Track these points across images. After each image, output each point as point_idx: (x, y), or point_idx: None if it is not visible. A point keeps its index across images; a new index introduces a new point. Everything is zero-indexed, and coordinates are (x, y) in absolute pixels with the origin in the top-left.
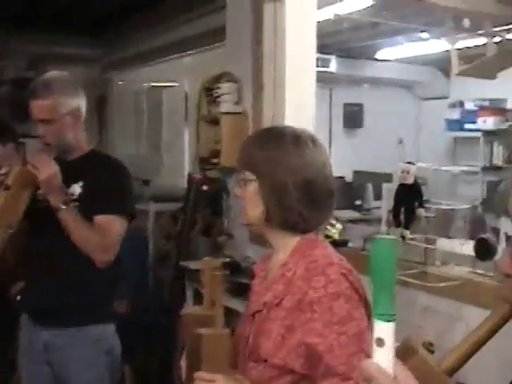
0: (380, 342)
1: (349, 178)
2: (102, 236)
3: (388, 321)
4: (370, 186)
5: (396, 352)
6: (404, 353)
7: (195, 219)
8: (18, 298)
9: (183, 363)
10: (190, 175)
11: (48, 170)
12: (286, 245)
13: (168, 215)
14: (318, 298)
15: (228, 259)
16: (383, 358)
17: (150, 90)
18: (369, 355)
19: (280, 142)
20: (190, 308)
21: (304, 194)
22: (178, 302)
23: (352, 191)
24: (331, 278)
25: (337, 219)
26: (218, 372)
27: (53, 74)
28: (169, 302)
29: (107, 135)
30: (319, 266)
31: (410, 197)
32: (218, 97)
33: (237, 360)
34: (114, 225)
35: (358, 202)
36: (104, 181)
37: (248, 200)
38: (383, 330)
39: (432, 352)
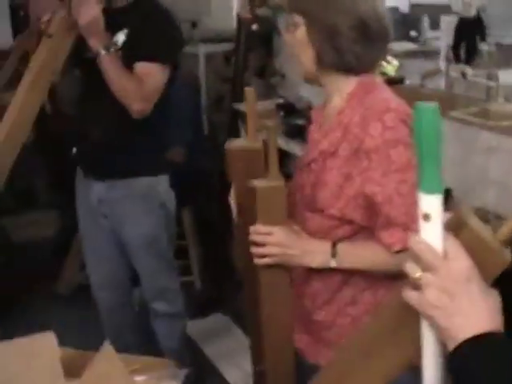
0: (427, 217)
1: (403, 8)
2: (139, 84)
3: (435, 193)
4: (426, 17)
5: (446, 226)
6: (455, 226)
7: (248, 60)
8: (74, 150)
9: (232, 200)
10: (239, 15)
11: (89, 13)
12: (341, 89)
13: (220, 56)
14: (375, 145)
15: (282, 100)
16: (431, 233)
17: None
18: None
19: None
20: (233, 142)
21: (356, 33)
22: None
23: (407, 22)
24: (388, 124)
25: (394, 56)
26: (274, 225)
27: None
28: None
29: None
30: (376, 113)
31: (471, 31)
32: None
33: (293, 210)
34: (153, 73)
35: (413, 33)
36: (147, 28)
37: (298, 45)
38: (430, 203)
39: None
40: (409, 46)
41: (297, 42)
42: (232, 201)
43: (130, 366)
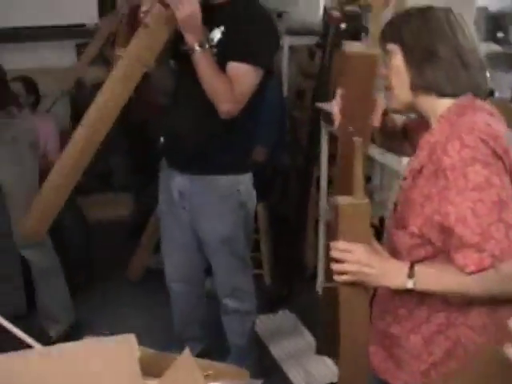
0: None
1: (492, 7)
2: (230, 85)
3: None
4: None
5: None
6: None
7: (333, 57)
8: (161, 139)
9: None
10: (327, 12)
11: (187, 8)
12: (435, 111)
13: (304, 50)
14: (451, 163)
15: None
16: None
17: None
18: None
19: (427, 12)
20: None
21: (453, 58)
22: (314, 144)
23: (493, 21)
24: (466, 142)
25: None
26: (355, 242)
27: None
28: (305, 143)
29: None
30: (458, 132)
31: None
32: None
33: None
34: (246, 75)
35: (499, 35)
36: (244, 28)
37: (393, 73)
38: None
39: None
40: (494, 47)
41: (393, 70)
42: (335, 107)
43: (205, 370)
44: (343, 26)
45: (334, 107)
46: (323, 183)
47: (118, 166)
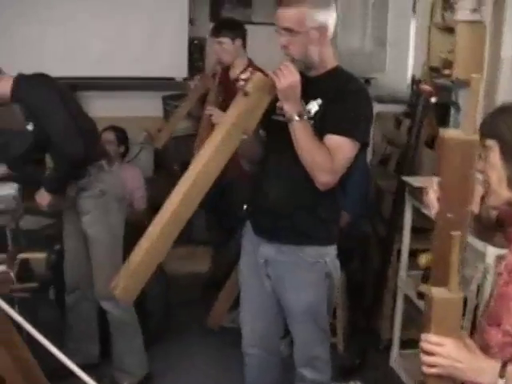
0: None
1: None
2: (329, 156)
3: None
4: None
5: None
6: None
7: (421, 130)
8: (245, 207)
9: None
10: (416, 82)
11: (288, 78)
12: None
13: (391, 117)
14: None
15: None
16: None
17: None
18: None
19: None
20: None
21: None
22: (397, 215)
23: None
24: None
25: None
26: (447, 336)
27: None
28: (388, 213)
29: None
30: None
31: None
32: (455, 3)
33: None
34: (344, 147)
35: None
36: (343, 101)
37: (492, 170)
38: None
39: None
40: None
41: (490, 165)
42: (432, 195)
43: None
44: (433, 100)
45: (431, 195)
46: (404, 255)
47: (200, 220)
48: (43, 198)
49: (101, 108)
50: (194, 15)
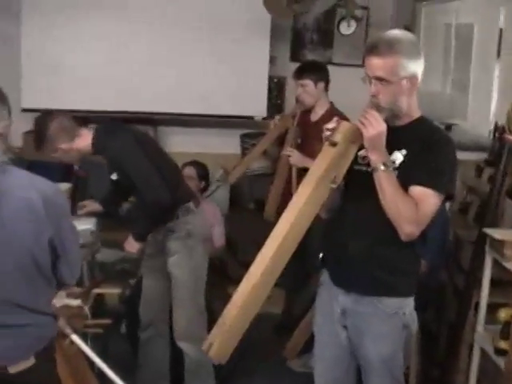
0: None
1: None
2: (414, 207)
3: None
4: None
5: None
6: None
7: (505, 180)
8: (321, 255)
9: None
10: (500, 130)
11: (376, 127)
12: None
13: (472, 165)
14: None
15: None
16: None
17: (460, 24)
18: None
19: None
20: None
21: None
22: (476, 267)
23: None
24: None
25: None
26: None
27: (398, 32)
28: (466, 263)
29: None
30: None
31: None
32: None
33: None
34: (429, 199)
35: None
36: (429, 152)
37: None
38: None
39: None
40: None
41: None
42: None
43: None
44: None
45: None
46: (482, 308)
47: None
48: (132, 246)
49: (179, 143)
50: (274, 54)
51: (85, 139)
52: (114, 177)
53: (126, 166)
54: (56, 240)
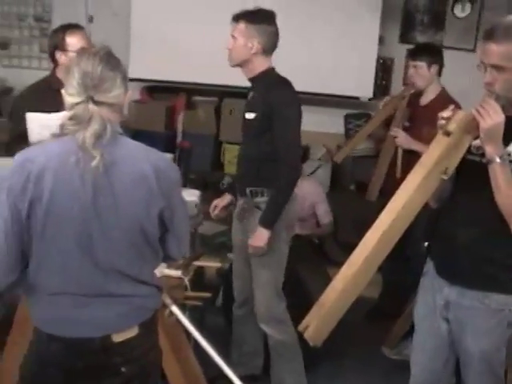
0: None
1: None
2: None
3: None
4: None
5: None
6: None
7: None
8: (426, 244)
9: None
10: None
11: (494, 118)
12: None
13: None
14: None
15: None
16: None
17: None
18: None
19: None
20: None
21: None
22: None
23: None
24: None
25: None
26: None
27: None
28: None
29: None
30: None
31: None
32: None
33: None
34: None
35: None
36: None
37: None
38: None
39: None
40: None
41: None
42: None
43: None
44: None
45: None
46: None
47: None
48: (261, 238)
49: None
50: (383, 34)
51: (262, 63)
52: (249, 116)
53: (280, 122)
54: (166, 213)
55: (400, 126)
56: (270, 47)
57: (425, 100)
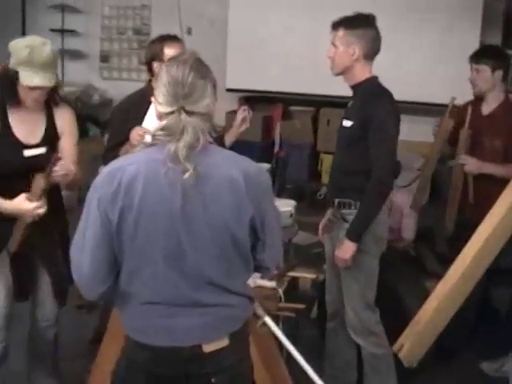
0: None
1: None
2: None
3: None
4: None
5: None
6: None
7: None
8: None
9: None
10: None
11: None
12: None
13: None
14: None
15: None
16: None
17: None
18: None
19: None
20: None
21: None
22: None
23: None
24: None
25: None
26: None
27: None
28: None
29: None
30: None
31: None
32: None
33: None
34: None
35: None
36: None
37: None
38: None
39: None
40: None
41: None
42: None
43: None
44: None
45: None
46: None
47: (432, 252)
48: (346, 251)
49: None
50: (484, 41)
51: (361, 71)
52: (346, 123)
53: (377, 135)
54: (257, 220)
55: (465, 150)
56: (371, 51)
57: (487, 109)
